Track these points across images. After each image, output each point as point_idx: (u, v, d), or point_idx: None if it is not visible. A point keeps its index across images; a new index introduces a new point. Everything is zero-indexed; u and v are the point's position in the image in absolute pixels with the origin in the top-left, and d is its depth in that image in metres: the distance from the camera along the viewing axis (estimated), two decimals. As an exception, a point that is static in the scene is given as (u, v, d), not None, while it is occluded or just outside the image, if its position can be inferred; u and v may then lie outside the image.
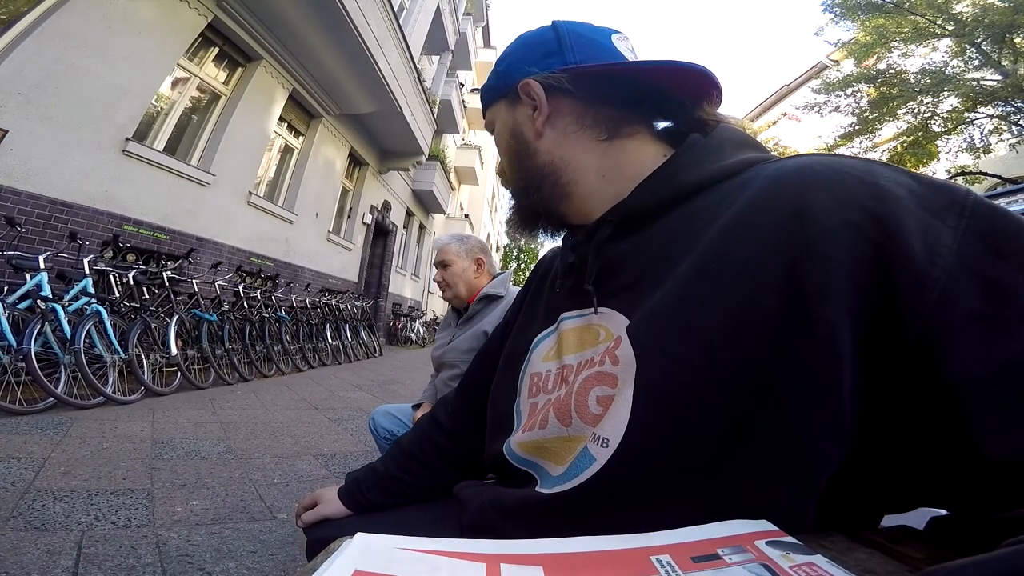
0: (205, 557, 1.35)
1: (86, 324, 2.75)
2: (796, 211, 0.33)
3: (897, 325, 0.29)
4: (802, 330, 0.31)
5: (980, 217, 0.30)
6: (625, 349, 0.38)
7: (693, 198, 0.42)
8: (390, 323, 10.92)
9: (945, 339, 0.28)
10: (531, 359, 0.54)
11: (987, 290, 0.28)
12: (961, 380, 0.27)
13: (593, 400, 0.40)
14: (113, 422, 2.52)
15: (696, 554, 0.25)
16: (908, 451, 0.31)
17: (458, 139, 16.24)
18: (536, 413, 0.48)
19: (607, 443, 0.37)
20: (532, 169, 0.51)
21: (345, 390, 4.47)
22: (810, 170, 0.35)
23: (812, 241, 0.31)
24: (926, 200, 0.31)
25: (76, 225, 3.47)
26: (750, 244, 0.34)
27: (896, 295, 0.29)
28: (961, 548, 0.27)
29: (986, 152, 9.62)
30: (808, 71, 15.89)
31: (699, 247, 0.37)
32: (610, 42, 0.50)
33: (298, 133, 6.86)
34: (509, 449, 0.48)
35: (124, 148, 3.87)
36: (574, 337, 0.48)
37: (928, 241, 0.29)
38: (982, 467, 0.28)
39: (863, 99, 10.79)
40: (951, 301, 0.28)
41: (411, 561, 0.26)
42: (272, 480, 2.02)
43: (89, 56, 3.53)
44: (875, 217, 0.30)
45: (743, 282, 0.33)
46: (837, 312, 0.30)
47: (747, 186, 0.38)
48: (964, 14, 8.74)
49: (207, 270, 4.69)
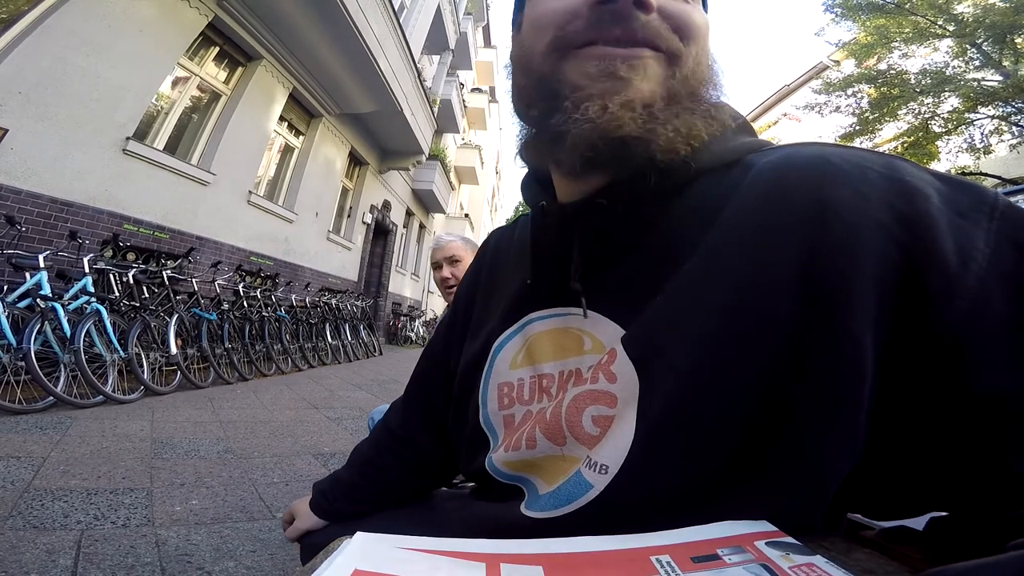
0: (204, 556, 1.35)
1: (86, 323, 2.75)
2: (816, 209, 0.29)
3: (925, 336, 0.27)
4: (822, 342, 0.27)
5: (1011, 220, 0.27)
6: (622, 365, 0.34)
7: (691, 184, 0.37)
8: (390, 322, 10.93)
9: (977, 351, 0.26)
10: (494, 367, 0.47)
11: (1020, 294, 0.26)
12: (993, 394, 0.25)
13: (588, 420, 0.36)
14: (113, 421, 2.52)
15: (696, 554, 0.25)
16: (920, 462, 0.29)
17: (458, 139, 16.25)
18: (516, 428, 0.43)
19: (605, 470, 0.33)
20: (702, 96, 0.37)
21: (345, 389, 4.47)
22: (826, 162, 0.31)
23: (835, 243, 0.28)
24: (953, 200, 0.28)
25: (76, 224, 3.47)
26: (763, 244, 0.30)
27: (925, 303, 0.26)
28: (961, 548, 0.27)
29: (986, 153, 9.58)
30: (809, 71, 15.80)
31: (702, 244, 0.33)
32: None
33: (298, 132, 6.86)
34: (493, 467, 0.44)
35: (124, 147, 3.87)
36: (549, 342, 0.43)
37: (961, 244, 0.27)
38: (1006, 482, 0.26)
39: (863, 99, 10.76)
40: (984, 310, 0.26)
41: (411, 560, 0.26)
42: (271, 479, 2.02)
43: (89, 55, 3.53)
44: (903, 217, 0.27)
45: (756, 287, 0.30)
46: (862, 323, 0.27)
47: (748, 175, 0.34)
48: (965, 14, 8.72)
49: (207, 269, 4.69)
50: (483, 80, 20.23)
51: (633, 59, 0.34)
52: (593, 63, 0.35)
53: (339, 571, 0.24)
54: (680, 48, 0.35)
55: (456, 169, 16.15)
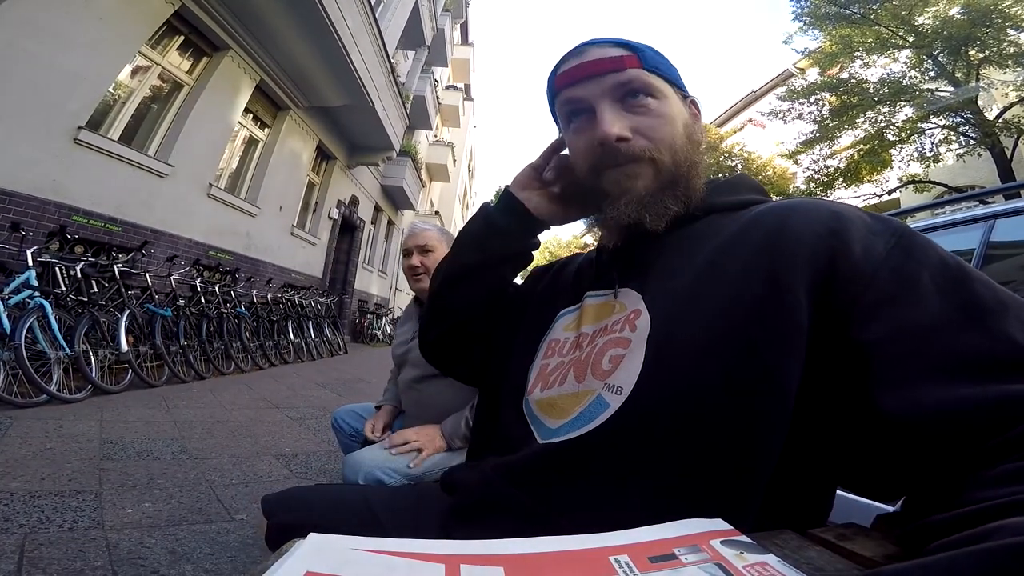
0: (159, 560, 1.32)
1: (28, 318, 2.62)
2: (779, 226, 0.45)
3: (834, 300, 0.39)
4: (776, 301, 0.40)
5: (907, 238, 0.41)
6: (643, 318, 0.48)
7: (709, 216, 0.54)
8: (356, 320, 10.75)
9: (863, 311, 0.38)
10: (554, 328, 0.62)
11: (900, 280, 0.38)
12: (866, 340, 0.36)
13: (607, 360, 0.48)
14: (58, 421, 2.42)
15: (653, 554, 0.26)
16: (831, 425, 0.40)
17: (431, 135, 16.12)
18: (549, 373, 0.56)
19: (620, 391, 0.44)
20: (695, 164, 0.55)
21: (308, 388, 4.41)
22: (797, 203, 0.48)
23: (787, 244, 0.43)
24: (871, 226, 0.43)
25: (19, 215, 3.29)
26: (746, 248, 0.45)
27: (838, 281, 0.40)
28: (908, 543, 0.29)
29: (935, 162, 10.16)
30: (775, 78, 16.07)
31: (707, 249, 0.48)
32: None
33: (264, 125, 6.68)
34: (528, 406, 0.55)
35: (76, 136, 3.70)
36: (593, 311, 0.57)
37: (867, 248, 0.40)
38: (881, 426, 0.34)
39: (825, 107, 11.22)
40: (873, 287, 0.38)
41: (366, 562, 0.26)
42: (230, 480, 1.99)
43: (43, 42, 3.38)
44: (832, 230, 0.42)
45: (739, 274, 0.44)
46: (799, 286, 0.40)
47: (748, 215, 0.50)
48: (925, 26, 9.18)
49: (162, 263, 4.52)
50: (458, 77, 20.13)
51: (628, 172, 0.53)
52: (611, 179, 0.55)
53: (290, 572, 0.24)
54: (656, 152, 0.53)
55: (427, 166, 16.02)
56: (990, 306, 0.35)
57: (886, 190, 11.23)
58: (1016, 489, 0.25)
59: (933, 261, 0.39)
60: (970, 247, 1.68)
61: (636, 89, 0.53)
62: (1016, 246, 1.67)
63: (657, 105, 0.54)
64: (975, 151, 9.16)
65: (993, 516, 0.24)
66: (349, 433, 1.51)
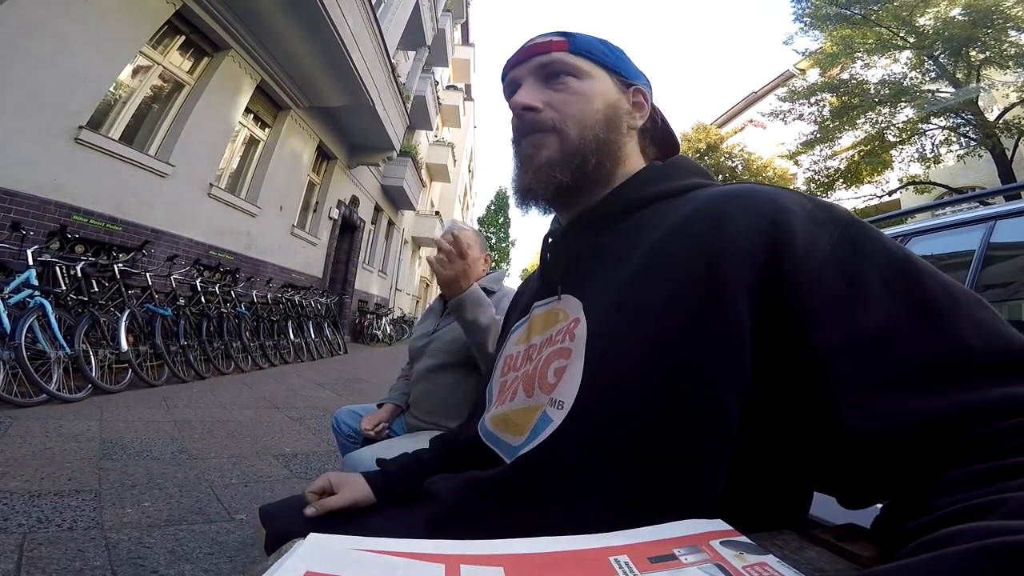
0: (159, 559, 1.32)
1: (28, 318, 2.62)
2: (716, 219, 0.42)
3: (780, 302, 0.37)
4: (715, 306, 0.38)
5: (852, 228, 0.39)
6: (582, 326, 0.47)
7: (645, 209, 0.52)
8: (356, 320, 10.75)
9: (812, 315, 0.36)
10: (507, 344, 0.62)
11: (848, 279, 0.36)
12: (820, 346, 0.35)
13: (551, 372, 0.48)
14: (57, 421, 2.42)
15: (653, 554, 0.26)
16: (794, 431, 0.38)
17: (431, 136, 16.12)
18: (506, 389, 0.56)
19: (562, 405, 0.44)
20: (608, 143, 0.55)
21: (308, 388, 4.41)
22: (734, 191, 0.45)
23: (725, 239, 0.40)
24: (813, 214, 0.40)
25: (20, 215, 3.29)
26: (682, 245, 0.43)
27: (781, 279, 0.37)
28: (904, 543, 0.29)
29: (936, 163, 10.02)
30: (775, 79, 15.96)
31: (644, 248, 0.46)
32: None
33: (264, 125, 6.68)
34: (483, 426, 0.55)
35: (77, 136, 3.70)
36: (540, 321, 0.57)
37: (810, 242, 0.38)
38: (843, 441, 0.33)
39: (825, 108, 11.15)
40: (820, 286, 0.36)
41: (366, 562, 0.26)
42: (229, 480, 2.00)
43: (45, 42, 3.38)
44: (773, 223, 0.39)
45: (675, 277, 0.41)
46: (739, 290, 0.38)
47: (688, 203, 0.47)
48: (926, 27, 9.10)
49: (163, 263, 4.52)
50: (459, 78, 20.14)
51: (534, 141, 0.55)
52: (523, 149, 0.57)
53: (290, 572, 0.24)
54: (562, 124, 0.54)
55: (428, 166, 16.02)
56: (943, 304, 0.34)
57: (887, 191, 11.21)
58: (965, 496, 0.26)
59: (880, 255, 0.37)
60: (970, 248, 1.67)
61: (558, 70, 0.55)
62: (1017, 247, 1.67)
63: (577, 84, 0.55)
64: (976, 152, 9.12)
65: (944, 524, 0.24)
66: (348, 434, 1.50)
